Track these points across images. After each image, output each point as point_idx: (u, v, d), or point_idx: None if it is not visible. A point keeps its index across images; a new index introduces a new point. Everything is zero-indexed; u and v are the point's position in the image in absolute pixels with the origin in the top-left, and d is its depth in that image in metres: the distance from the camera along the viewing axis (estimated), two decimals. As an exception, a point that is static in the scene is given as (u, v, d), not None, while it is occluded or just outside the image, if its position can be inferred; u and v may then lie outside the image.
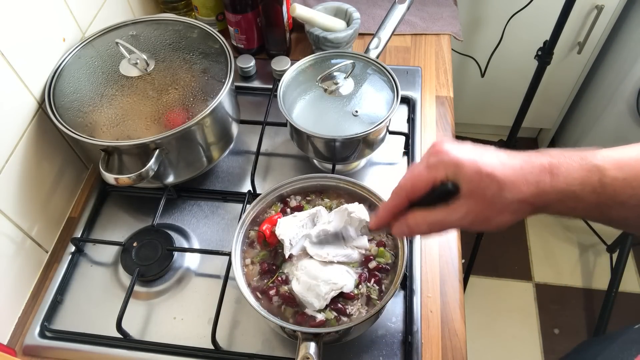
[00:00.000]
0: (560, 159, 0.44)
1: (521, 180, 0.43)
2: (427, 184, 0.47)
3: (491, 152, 0.45)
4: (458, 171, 0.45)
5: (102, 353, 0.69)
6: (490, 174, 0.43)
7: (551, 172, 0.43)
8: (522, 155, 0.45)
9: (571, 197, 0.43)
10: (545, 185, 0.43)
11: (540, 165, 0.44)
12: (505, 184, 0.43)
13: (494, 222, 0.45)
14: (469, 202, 0.45)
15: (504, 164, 0.44)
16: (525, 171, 0.44)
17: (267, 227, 0.66)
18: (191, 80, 0.76)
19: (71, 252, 0.78)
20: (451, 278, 0.75)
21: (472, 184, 0.44)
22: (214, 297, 0.70)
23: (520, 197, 0.44)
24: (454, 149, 0.46)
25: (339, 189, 0.71)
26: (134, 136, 0.70)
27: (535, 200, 0.44)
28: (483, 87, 1.71)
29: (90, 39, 0.82)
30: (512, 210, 0.44)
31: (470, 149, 0.46)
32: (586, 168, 0.43)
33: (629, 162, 0.42)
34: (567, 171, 0.43)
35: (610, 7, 1.43)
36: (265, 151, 0.90)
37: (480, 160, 0.44)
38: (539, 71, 1.32)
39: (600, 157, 0.43)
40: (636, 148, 0.44)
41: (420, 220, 0.48)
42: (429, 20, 1.12)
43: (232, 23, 1.00)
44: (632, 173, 0.42)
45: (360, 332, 0.67)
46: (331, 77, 0.81)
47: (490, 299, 1.71)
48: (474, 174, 0.44)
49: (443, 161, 0.46)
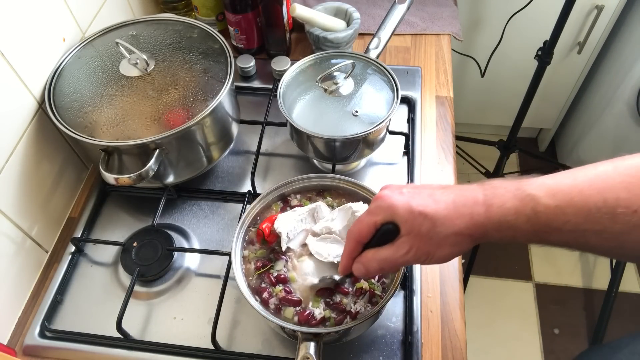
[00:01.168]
0: (495, 190, 0.46)
1: (453, 215, 0.46)
2: (370, 227, 0.51)
3: (426, 191, 0.49)
4: (394, 213, 0.49)
5: (102, 353, 0.69)
6: (422, 212, 0.47)
7: (485, 204, 0.46)
8: (458, 189, 0.48)
9: (507, 226, 0.45)
10: (480, 217, 0.46)
11: (474, 198, 0.46)
12: (437, 219, 0.47)
13: (437, 255, 0.49)
14: (410, 240, 0.49)
15: (436, 201, 0.47)
16: (457, 205, 0.47)
17: (267, 225, 0.66)
18: (191, 80, 0.76)
19: (71, 252, 0.78)
20: (451, 278, 0.75)
21: (407, 224, 0.48)
22: (214, 297, 0.70)
23: (455, 230, 0.46)
24: (390, 194, 0.50)
25: (339, 189, 0.71)
26: (134, 136, 0.70)
27: (472, 232, 0.46)
28: (483, 87, 1.71)
29: (90, 39, 0.82)
30: (451, 243, 0.47)
31: (407, 191, 0.50)
32: (520, 197, 0.44)
33: (561, 189, 0.44)
34: (501, 202, 0.45)
35: (610, 7, 1.43)
36: (265, 151, 0.90)
37: (413, 200, 0.48)
38: (539, 71, 1.32)
39: (535, 185, 0.45)
40: (570, 174, 0.45)
41: (371, 257, 0.52)
42: (429, 20, 1.12)
43: (232, 23, 1.00)
44: (564, 200, 0.43)
45: (360, 332, 0.67)
46: (331, 77, 0.81)
47: (490, 299, 1.71)
48: (408, 214, 0.48)
49: (380, 206, 0.50)
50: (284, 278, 0.63)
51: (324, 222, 0.66)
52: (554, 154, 2.00)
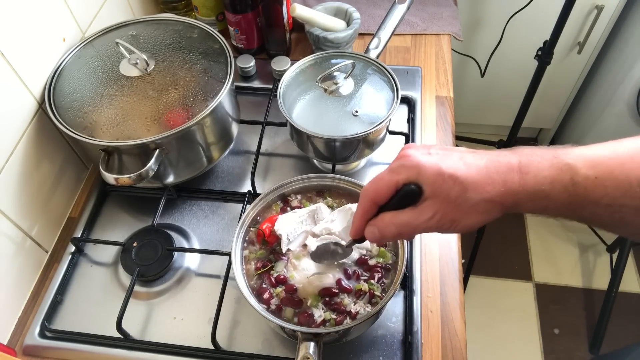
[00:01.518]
0: (530, 157, 0.43)
1: (485, 180, 0.43)
2: (390, 187, 0.46)
3: (456, 154, 0.45)
4: (420, 173, 0.44)
5: (102, 353, 0.69)
6: (452, 175, 0.43)
7: (520, 171, 0.43)
8: (490, 154, 0.45)
9: (542, 196, 0.42)
10: (514, 185, 0.43)
11: (508, 164, 0.43)
12: (468, 184, 0.43)
13: (463, 223, 0.45)
14: (435, 204, 0.45)
15: (468, 164, 0.44)
16: (490, 171, 0.43)
17: (267, 226, 0.66)
18: (191, 80, 0.76)
19: (71, 252, 0.78)
20: (451, 278, 0.75)
21: (434, 186, 0.44)
22: (214, 297, 0.70)
23: (486, 197, 0.43)
24: (416, 153, 0.46)
25: (339, 189, 0.71)
26: (134, 136, 0.70)
27: (504, 200, 0.43)
28: (483, 87, 1.71)
29: (90, 39, 0.82)
30: (480, 210, 0.44)
31: (435, 152, 0.46)
32: (558, 167, 0.42)
33: (602, 160, 0.42)
34: (537, 170, 0.42)
35: (610, 7, 1.43)
36: (265, 151, 0.90)
37: (442, 162, 0.44)
38: (539, 71, 1.32)
39: (573, 155, 0.42)
40: (610, 146, 0.43)
41: (388, 221, 0.47)
42: (429, 20, 1.12)
43: (232, 23, 1.00)
44: (604, 172, 0.41)
45: (360, 332, 0.67)
46: (331, 77, 0.81)
47: (490, 299, 1.71)
48: (436, 175, 0.44)
49: (404, 165, 0.46)
50: (284, 279, 0.63)
51: (324, 224, 0.66)
52: (554, 154, 2.00)
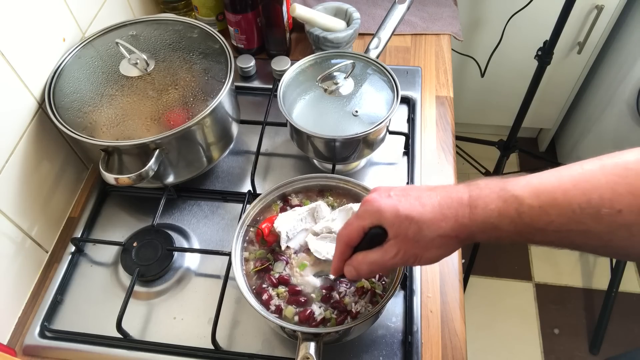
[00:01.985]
0: (481, 191, 0.46)
1: (439, 217, 0.47)
2: (359, 231, 0.52)
3: (414, 194, 0.49)
4: (381, 217, 0.49)
5: (102, 353, 0.69)
6: (408, 216, 0.47)
7: (469, 205, 0.46)
8: (445, 190, 0.48)
9: (491, 227, 0.45)
10: (464, 219, 0.46)
11: (459, 200, 0.47)
12: (423, 223, 0.47)
13: (424, 257, 0.49)
14: (397, 243, 0.49)
15: (423, 204, 0.48)
16: (443, 208, 0.47)
17: (267, 225, 0.66)
18: (191, 80, 0.76)
19: (71, 252, 0.78)
20: (451, 278, 0.75)
21: (394, 227, 0.49)
22: (214, 297, 0.70)
23: (440, 232, 0.47)
24: (378, 197, 0.50)
25: (339, 189, 0.71)
26: (134, 136, 0.70)
27: (457, 233, 0.47)
28: (483, 87, 1.71)
29: (90, 39, 0.82)
30: (437, 245, 0.48)
31: (395, 194, 0.50)
32: (504, 198, 0.44)
33: (546, 189, 0.43)
34: (485, 203, 0.45)
35: (610, 7, 1.43)
36: (265, 151, 0.90)
37: (400, 204, 0.48)
38: (539, 71, 1.32)
39: (520, 185, 0.44)
40: (556, 173, 0.44)
41: (360, 260, 0.52)
42: (429, 20, 1.12)
43: (232, 23, 1.00)
44: (548, 200, 0.42)
45: (360, 332, 0.67)
46: (331, 77, 0.81)
47: (490, 299, 1.71)
48: (394, 217, 0.48)
49: (367, 210, 0.51)
50: (287, 279, 0.63)
51: (324, 222, 0.66)
52: (554, 154, 2.00)
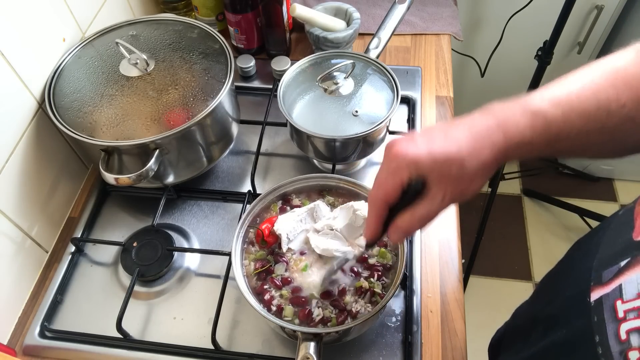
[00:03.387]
0: (504, 113, 0.47)
1: (476, 148, 0.46)
2: (397, 188, 0.49)
3: (440, 134, 0.48)
4: (419, 167, 0.47)
5: (102, 353, 0.69)
6: (447, 156, 0.46)
7: (500, 129, 0.47)
8: (467, 123, 0.48)
9: (526, 142, 0.47)
10: (500, 142, 0.46)
11: (487, 127, 0.47)
12: (463, 158, 0.46)
13: (470, 190, 0.49)
14: (441, 187, 0.48)
15: (456, 139, 0.47)
16: (476, 138, 0.47)
17: (267, 226, 0.66)
18: (191, 80, 0.76)
19: (71, 252, 0.78)
20: (451, 278, 0.75)
21: (435, 173, 0.47)
22: (214, 297, 0.70)
23: (482, 161, 0.47)
24: (406, 147, 0.48)
25: (339, 189, 0.71)
26: (134, 136, 0.70)
27: (496, 157, 0.47)
28: (483, 87, 1.71)
29: (90, 39, 0.82)
30: (481, 174, 0.48)
31: (421, 139, 0.48)
32: (529, 114, 0.46)
33: (561, 98, 0.47)
34: (515, 123, 0.46)
35: (610, 7, 1.43)
36: (265, 151, 0.90)
37: (432, 148, 0.47)
38: (539, 71, 1.32)
39: (537, 100, 0.47)
40: (564, 84, 0.48)
41: (409, 220, 0.50)
42: (429, 20, 1.12)
43: (232, 23, 1.00)
44: (567, 107, 0.46)
45: (360, 332, 0.67)
46: (331, 77, 0.81)
47: (490, 299, 1.71)
48: (433, 163, 0.46)
49: (400, 164, 0.48)
50: (290, 280, 0.64)
51: (326, 221, 0.66)
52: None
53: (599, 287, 0.45)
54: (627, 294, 0.41)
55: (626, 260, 0.43)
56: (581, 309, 0.46)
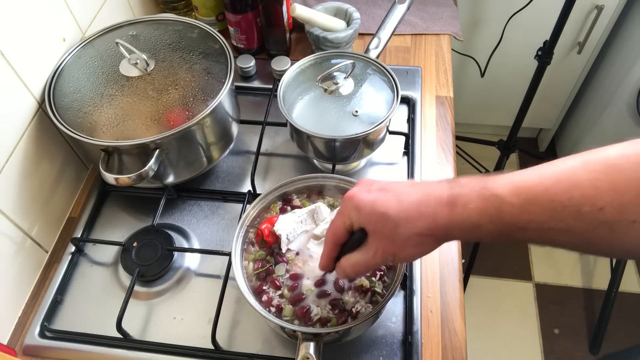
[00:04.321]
0: (461, 189, 0.45)
1: (415, 215, 0.45)
2: (342, 229, 0.51)
3: (394, 190, 0.48)
4: (359, 214, 0.48)
5: (102, 353, 0.69)
6: (384, 213, 0.46)
7: (449, 205, 0.44)
8: (425, 188, 0.47)
9: (471, 227, 0.44)
10: (443, 218, 0.45)
11: (438, 198, 0.45)
12: (399, 221, 0.46)
13: (401, 256, 0.48)
14: (375, 241, 0.49)
15: (400, 201, 0.46)
16: (421, 206, 0.46)
17: (267, 226, 0.66)
18: (191, 80, 0.76)
19: (71, 252, 0.78)
20: (451, 278, 0.75)
21: (371, 225, 0.48)
22: (214, 297, 0.70)
23: (417, 231, 0.46)
24: (358, 193, 0.49)
25: (339, 189, 0.71)
26: (134, 136, 0.70)
27: (434, 232, 0.46)
28: (483, 87, 1.71)
29: (90, 39, 0.82)
30: (414, 243, 0.47)
31: (375, 189, 0.49)
32: (484, 197, 0.43)
33: (527, 187, 0.42)
34: (465, 202, 0.44)
35: (610, 7, 1.43)
36: (265, 151, 0.90)
37: (377, 201, 0.47)
38: (539, 71, 1.32)
39: (500, 183, 0.43)
40: (538, 170, 0.43)
41: (345, 264, 0.52)
42: (429, 20, 1.12)
43: (232, 23, 1.00)
44: (529, 198, 0.41)
45: (360, 332, 0.67)
46: (331, 77, 0.81)
47: (490, 299, 1.71)
48: (370, 215, 0.47)
49: (347, 207, 0.50)
50: (296, 275, 0.64)
51: (325, 225, 0.66)
52: (554, 154, 2.00)
53: None
54: None
55: None
56: None
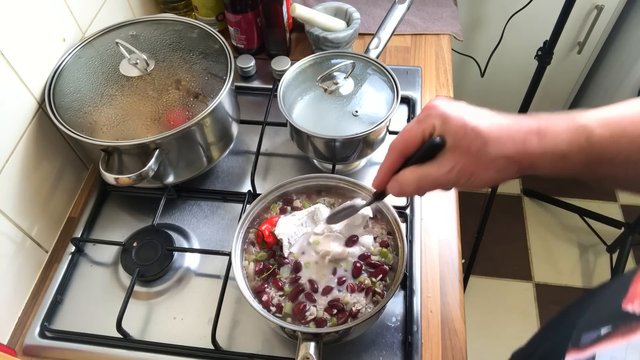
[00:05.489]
0: (548, 120, 0.45)
1: (506, 137, 0.44)
2: (417, 138, 0.48)
3: (482, 111, 0.46)
4: (444, 124, 0.46)
5: (102, 353, 0.69)
6: (475, 128, 0.44)
7: (539, 133, 0.44)
8: (512, 116, 0.46)
9: (560, 156, 0.44)
10: (532, 145, 0.44)
11: (528, 126, 0.45)
12: (489, 138, 0.44)
13: (479, 178, 0.46)
14: (455, 156, 0.46)
15: (491, 121, 0.45)
16: (512, 130, 0.45)
17: (267, 227, 0.66)
18: (191, 80, 0.76)
19: (71, 252, 0.78)
20: (451, 278, 0.75)
21: (457, 137, 0.45)
22: (214, 297, 0.70)
23: (506, 153, 0.44)
24: (444, 104, 0.47)
25: (339, 189, 0.71)
26: (134, 136, 0.70)
27: (521, 159, 0.45)
28: (483, 87, 1.71)
29: (90, 39, 0.82)
30: (497, 167, 0.45)
31: (462, 106, 0.47)
32: (573, 128, 0.43)
33: (614, 119, 0.43)
34: (555, 132, 0.44)
35: (610, 7, 1.43)
36: (265, 151, 0.90)
37: (467, 116, 0.45)
38: (539, 71, 1.32)
39: (587, 117, 0.44)
40: (622, 106, 0.44)
41: (409, 175, 0.49)
42: (429, 20, 1.12)
43: (232, 23, 1.00)
44: (618, 130, 0.42)
45: (360, 332, 0.67)
46: (331, 77, 0.81)
47: (490, 299, 1.71)
48: (459, 127, 0.45)
49: (431, 115, 0.47)
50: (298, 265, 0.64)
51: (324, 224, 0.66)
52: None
53: (574, 351, 0.41)
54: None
55: (607, 328, 0.39)
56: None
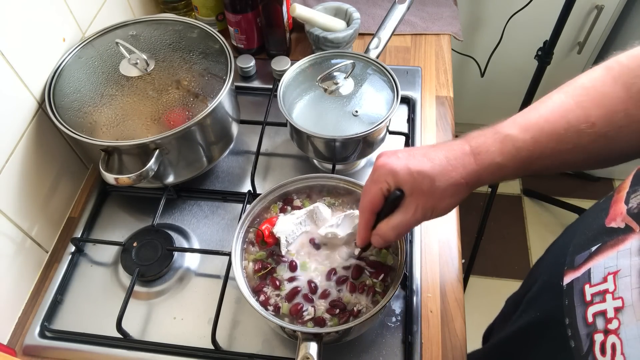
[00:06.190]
0: (477, 139, 0.51)
1: (448, 168, 0.51)
2: (379, 196, 0.54)
3: (419, 152, 0.53)
4: (395, 178, 0.52)
5: (102, 353, 0.69)
6: (421, 171, 0.51)
7: (473, 154, 0.51)
8: (445, 146, 0.53)
9: (497, 167, 0.50)
10: (471, 166, 0.51)
11: (462, 151, 0.51)
12: (435, 175, 0.51)
13: (440, 208, 0.53)
14: (414, 199, 0.52)
15: (431, 159, 0.52)
16: (449, 159, 0.51)
17: (267, 227, 0.66)
18: (191, 80, 0.76)
19: (71, 252, 0.78)
20: (451, 278, 0.75)
21: (409, 185, 0.52)
22: (214, 297, 0.70)
23: (452, 181, 0.51)
24: (389, 161, 0.53)
25: (339, 189, 0.71)
26: (134, 136, 0.70)
27: (467, 180, 0.51)
28: (483, 87, 1.71)
29: (90, 39, 0.82)
30: (450, 194, 0.52)
31: (403, 154, 0.53)
32: (499, 140, 0.50)
33: (532, 122, 0.50)
34: (486, 148, 0.50)
35: (610, 7, 1.43)
36: (265, 151, 0.90)
37: (411, 163, 0.52)
38: (539, 71, 1.32)
39: (508, 126, 0.51)
40: (534, 108, 0.51)
41: (385, 228, 0.55)
42: (429, 20, 1.12)
43: (232, 23, 1.00)
44: (536, 131, 0.49)
45: (360, 332, 0.67)
46: (331, 77, 0.81)
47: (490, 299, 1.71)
48: (408, 176, 0.52)
49: (382, 174, 0.54)
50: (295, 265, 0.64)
51: (329, 228, 0.65)
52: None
53: (571, 272, 0.48)
54: (595, 277, 0.43)
55: (597, 245, 0.45)
56: (555, 292, 0.49)
